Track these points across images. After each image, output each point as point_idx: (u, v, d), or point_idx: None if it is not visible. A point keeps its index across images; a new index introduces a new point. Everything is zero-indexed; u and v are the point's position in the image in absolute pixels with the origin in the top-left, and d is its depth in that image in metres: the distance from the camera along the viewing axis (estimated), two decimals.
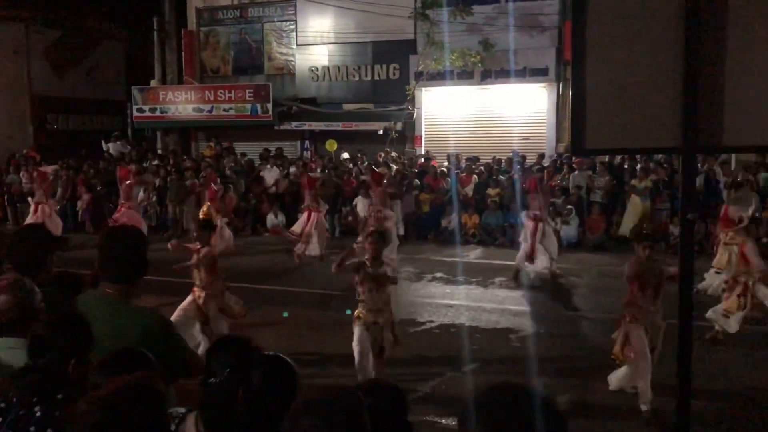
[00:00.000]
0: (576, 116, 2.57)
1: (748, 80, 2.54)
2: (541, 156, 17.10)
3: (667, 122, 2.53)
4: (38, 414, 2.33)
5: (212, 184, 13.83)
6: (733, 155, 14.65)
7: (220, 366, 2.67)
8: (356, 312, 6.65)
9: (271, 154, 18.94)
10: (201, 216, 12.27)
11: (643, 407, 6.10)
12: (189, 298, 7.55)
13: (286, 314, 9.10)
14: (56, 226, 13.46)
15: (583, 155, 11.72)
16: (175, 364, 3.02)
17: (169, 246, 8.31)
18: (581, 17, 2.52)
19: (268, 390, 2.80)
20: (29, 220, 13.78)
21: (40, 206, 14.09)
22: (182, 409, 2.76)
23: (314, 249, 12.80)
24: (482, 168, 16.74)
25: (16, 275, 3.01)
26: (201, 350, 6.05)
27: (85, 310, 2.88)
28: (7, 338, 2.73)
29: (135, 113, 22.76)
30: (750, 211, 9.25)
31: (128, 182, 14.01)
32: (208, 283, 7.53)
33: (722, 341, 7.96)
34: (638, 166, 14.70)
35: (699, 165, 14.69)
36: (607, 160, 15.35)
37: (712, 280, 9.44)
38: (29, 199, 15.21)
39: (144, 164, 19.40)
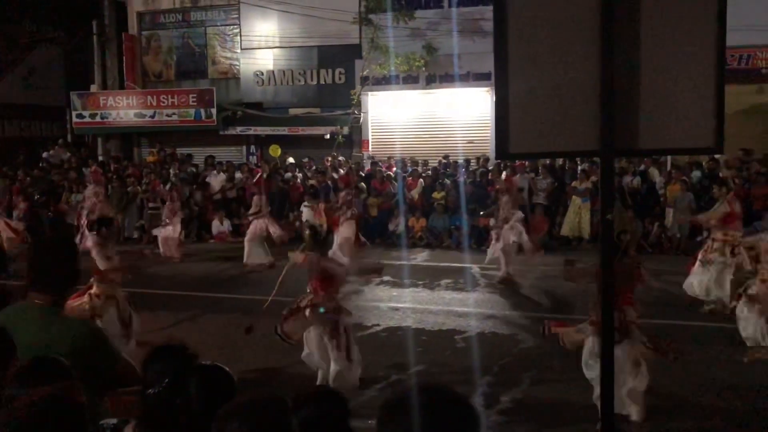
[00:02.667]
0: (500, 122, 2.66)
1: (662, 86, 2.66)
2: (485, 159, 17.37)
3: (586, 126, 2.63)
4: None
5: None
6: (669, 156, 15.18)
7: (158, 376, 2.65)
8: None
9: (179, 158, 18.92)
10: None
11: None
12: None
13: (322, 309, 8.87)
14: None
15: (508, 159, 11.96)
16: (108, 373, 2.99)
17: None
18: (503, 28, 2.61)
19: (206, 400, 2.79)
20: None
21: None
22: (113, 421, 2.73)
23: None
24: (429, 171, 16.94)
25: None
26: None
27: (13, 321, 2.83)
28: None
29: (75, 119, 22.19)
30: None
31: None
32: None
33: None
34: (579, 168, 15.08)
35: (635, 166, 15.20)
36: (548, 162, 15.70)
37: None
38: None
39: (84, 171, 18.99)
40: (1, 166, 18.82)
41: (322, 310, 6.68)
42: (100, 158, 22.00)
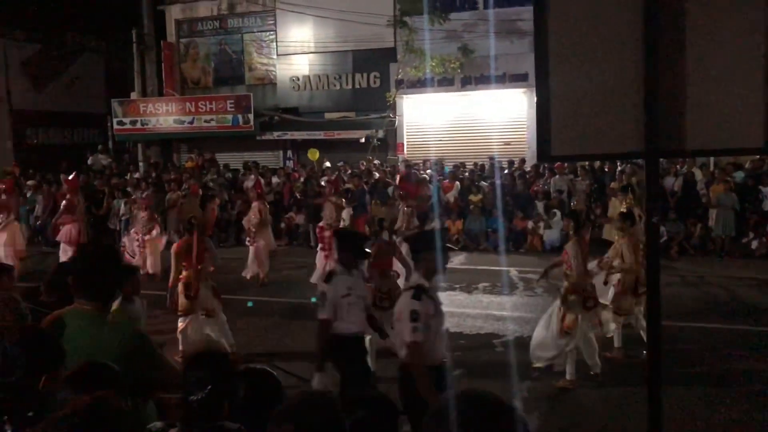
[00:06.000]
0: (541, 124, 2.60)
1: (709, 84, 2.58)
2: (522, 161, 17.22)
3: (630, 127, 2.56)
4: None
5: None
6: (711, 157, 14.84)
7: (199, 383, 2.67)
8: None
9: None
10: None
11: None
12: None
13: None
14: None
15: (549, 162, 11.82)
16: (154, 378, 3.02)
17: None
18: (543, 27, 2.56)
19: (253, 404, 2.81)
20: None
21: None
22: (160, 424, 2.76)
23: None
24: (465, 174, 16.85)
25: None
26: None
27: (63, 328, 2.87)
28: None
29: (115, 126, 22.65)
30: None
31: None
32: None
33: None
34: (618, 170, 14.83)
35: (678, 167, 14.89)
36: (587, 164, 15.48)
37: None
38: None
39: (125, 177, 19.32)
40: (45, 173, 19.25)
41: None
42: (140, 164, 22.43)
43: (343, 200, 12.44)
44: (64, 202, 13.30)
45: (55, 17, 24.84)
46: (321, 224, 11.88)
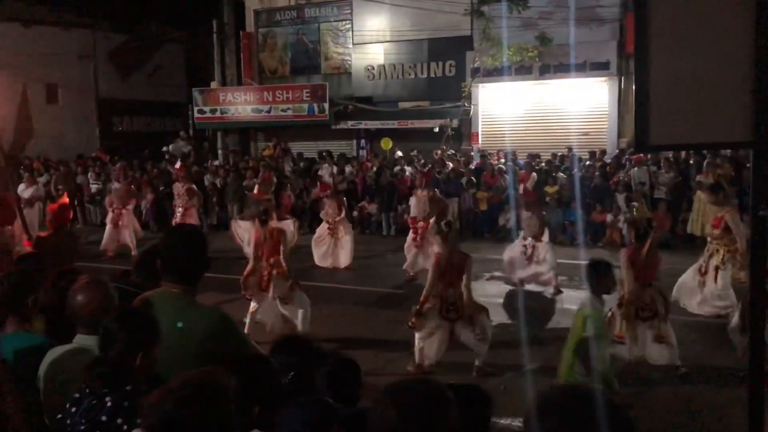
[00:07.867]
0: (640, 112, 2.48)
1: None
2: (603, 152, 16.75)
3: (737, 115, 2.42)
4: (108, 404, 2.42)
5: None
6: None
7: (284, 367, 2.73)
8: None
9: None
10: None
11: None
12: None
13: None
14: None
15: (648, 152, 11.36)
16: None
17: None
18: (644, 8, 2.44)
19: (333, 388, 2.85)
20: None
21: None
22: None
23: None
24: (542, 165, 16.52)
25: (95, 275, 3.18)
26: None
27: (151, 308, 2.96)
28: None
29: (196, 114, 23.29)
30: None
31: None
32: None
33: None
34: (705, 161, 14.23)
35: None
36: (671, 155, 14.92)
37: None
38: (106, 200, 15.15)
39: (205, 165, 19.85)
40: (130, 160, 20.00)
41: None
42: (219, 152, 23.03)
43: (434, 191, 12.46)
44: (186, 188, 13.82)
45: (139, 8, 25.75)
46: (413, 215, 11.99)
